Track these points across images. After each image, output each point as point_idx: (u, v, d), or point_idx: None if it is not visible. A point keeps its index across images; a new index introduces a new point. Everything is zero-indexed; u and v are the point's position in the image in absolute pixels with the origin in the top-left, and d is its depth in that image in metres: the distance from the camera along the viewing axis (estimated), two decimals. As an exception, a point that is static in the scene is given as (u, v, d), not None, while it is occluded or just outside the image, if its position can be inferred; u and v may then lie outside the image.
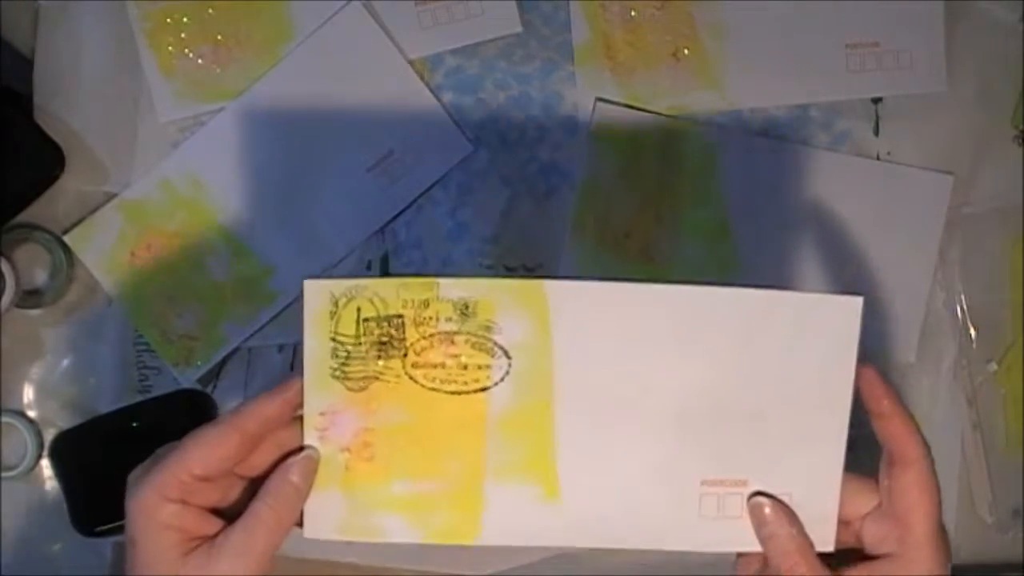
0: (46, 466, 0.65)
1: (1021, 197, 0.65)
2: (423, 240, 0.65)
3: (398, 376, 0.44)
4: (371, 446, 0.44)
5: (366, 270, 0.65)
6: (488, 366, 0.44)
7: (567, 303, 0.43)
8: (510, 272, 0.65)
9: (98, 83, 0.64)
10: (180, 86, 0.64)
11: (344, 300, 0.43)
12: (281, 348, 0.65)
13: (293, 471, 0.43)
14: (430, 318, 0.43)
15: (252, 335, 0.65)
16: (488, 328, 0.43)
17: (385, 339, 0.43)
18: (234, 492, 0.45)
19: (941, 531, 0.44)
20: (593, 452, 0.44)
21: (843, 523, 0.45)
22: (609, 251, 0.65)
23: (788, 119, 0.65)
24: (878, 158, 0.65)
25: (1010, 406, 0.65)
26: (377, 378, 0.44)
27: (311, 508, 0.44)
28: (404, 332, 0.43)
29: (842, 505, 0.44)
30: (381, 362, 0.44)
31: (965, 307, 0.65)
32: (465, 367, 0.44)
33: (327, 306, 0.43)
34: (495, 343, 0.44)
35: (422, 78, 0.65)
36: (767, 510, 0.44)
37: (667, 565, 0.65)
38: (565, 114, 0.65)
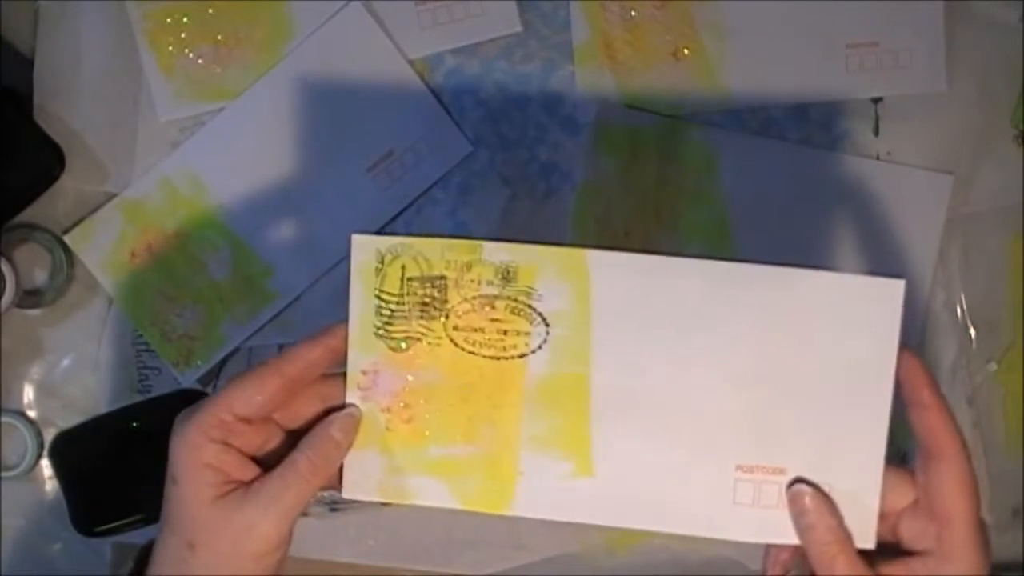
0: (46, 466, 0.65)
1: (1021, 197, 0.65)
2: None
3: (439, 338, 0.44)
4: (410, 407, 0.44)
5: (366, 270, 0.65)
6: (527, 332, 0.43)
7: (608, 273, 0.42)
8: (510, 272, 0.65)
9: (98, 83, 0.64)
10: (180, 86, 0.64)
11: (390, 257, 0.43)
12: (281, 348, 0.65)
13: (335, 426, 0.43)
14: (472, 281, 0.43)
15: (252, 335, 0.65)
16: (528, 294, 0.43)
17: (427, 300, 0.43)
18: (274, 441, 0.45)
19: (981, 529, 0.42)
20: (627, 427, 0.44)
21: (880, 517, 0.43)
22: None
23: (788, 119, 0.65)
24: (878, 158, 0.65)
25: (1010, 406, 0.65)
26: (418, 339, 0.44)
27: (350, 468, 0.44)
28: (446, 294, 0.43)
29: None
30: (423, 322, 0.44)
31: (965, 307, 0.65)
32: (504, 332, 0.44)
33: (373, 262, 0.43)
34: (535, 309, 0.43)
35: (422, 78, 0.65)
36: (808, 499, 0.43)
37: (666, 565, 0.65)
38: (565, 114, 0.65)
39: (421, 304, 0.44)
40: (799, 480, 0.43)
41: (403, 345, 0.44)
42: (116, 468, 0.64)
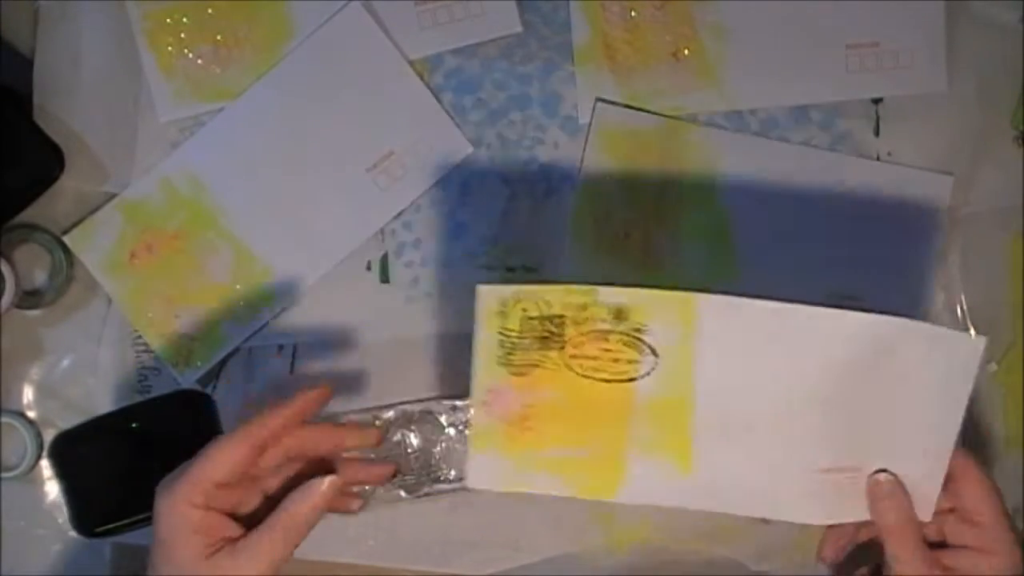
0: (46, 466, 0.65)
1: (1021, 197, 0.65)
2: (423, 240, 0.65)
3: (556, 365, 0.50)
4: (529, 419, 0.51)
5: (366, 270, 0.65)
6: (637, 361, 0.49)
7: (713, 316, 0.48)
8: (511, 272, 0.65)
9: (98, 83, 0.64)
10: (180, 86, 0.64)
11: (512, 302, 0.49)
12: (281, 348, 0.65)
13: (314, 490, 0.49)
14: (587, 319, 0.49)
15: (252, 335, 0.65)
16: (639, 330, 0.49)
17: (546, 334, 0.49)
18: (251, 498, 0.51)
19: (1010, 526, 0.50)
20: (723, 441, 0.50)
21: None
22: (609, 252, 0.65)
23: (788, 119, 0.65)
24: (878, 158, 0.65)
25: (1010, 406, 0.65)
26: (537, 365, 0.50)
27: (473, 465, 0.51)
28: (564, 329, 0.49)
29: None
30: (541, 353, 0.50)
31: (965, 307, 0.65)
32: (616, 360, 0.49)
33: (496, 307, 0.49)
34: (644, 342, 0.49)
35: (422, 78, 0.65)
36: (885, 487, 0.50)
37: (666, 565, 0.65)
38: (565, 114, 0.65)
39: (540, 338, 0.50)
40: (879, 471, 0.50)
41: (523, 370, 0.50)
42: (116, 468, 0.64)
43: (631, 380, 0.50)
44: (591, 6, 0.64)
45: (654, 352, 0.49)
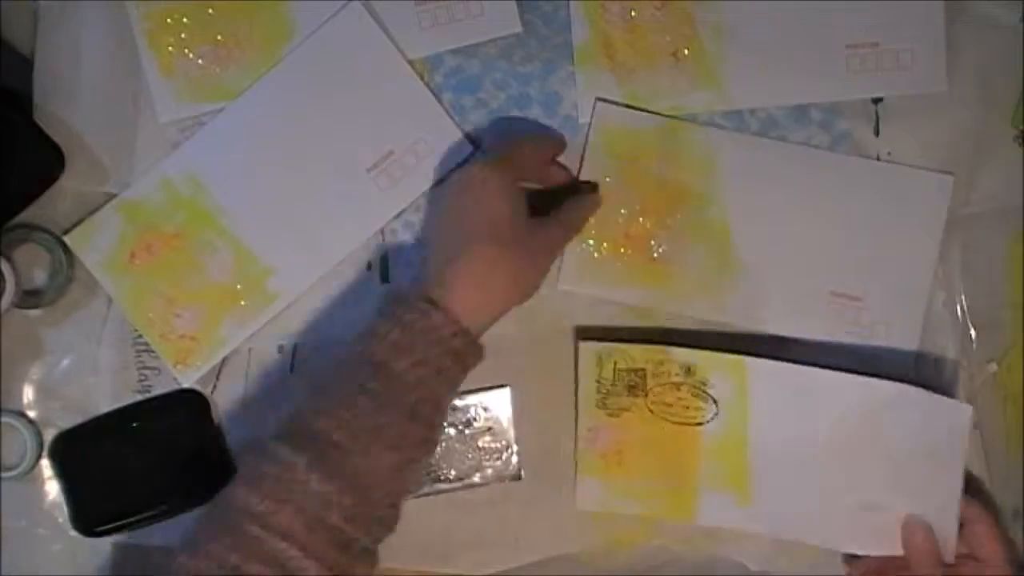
0: (46, 466, 0.65)
1: (1021, 197, 0.65)
2: (423, 240, 0.65)
3: (641, 409, 0.63)
4: (622, 453, 0.64)
5: (366, 270, 0.65)
6: (702, 408, 0.63)
7: (759, 375, 0.62)
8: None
9: (98, 83, 0.64)
10: (180, 86, 0.64)
11: (606, 356, 0.63)
12: (281, 348, 0.65)
13: (586, 202, 0.63)
14: (664, 372, 0.63)
15: (252, 335, 0.65)
16: (704, 383, 0.62)
17: (633, 384, 0.63)
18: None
19: (1014, 568, 0.59)
20: (775, 478, 0.62)
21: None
22: (609, 251, 0.65)
23: (788, 119, 0.65)
24: (878, 158, 0.65)
25: (1010, 406, 0.65)
26: (627, 409, 0.63)
27: (580, 488, 0.64)
28: (646, 380, 0.63)
29: None
30: (629, 399, 0.63)
31: (965, 307, 0.65)
32: (687, 408, 0.63)
33: (594, 359, 0.63)
34: (708, 394, 0.62)
35: (422, 78, 0.65)
36: (919, 533, 0.60)
37: (666, 565, 0.65)
38: (565, 114, 0.65)
39: (628, 386, 0.63)
40: (911, 516, 0.60)
41: (616, 412, 0.63)
42: (116, 468, 0.64)
43: (699, 424, 0.63)
44: (591, 6, 0.64)
45: (715, 402, 0.62)
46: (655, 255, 0.65)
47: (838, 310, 0.64)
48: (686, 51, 0.65)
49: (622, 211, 0.65)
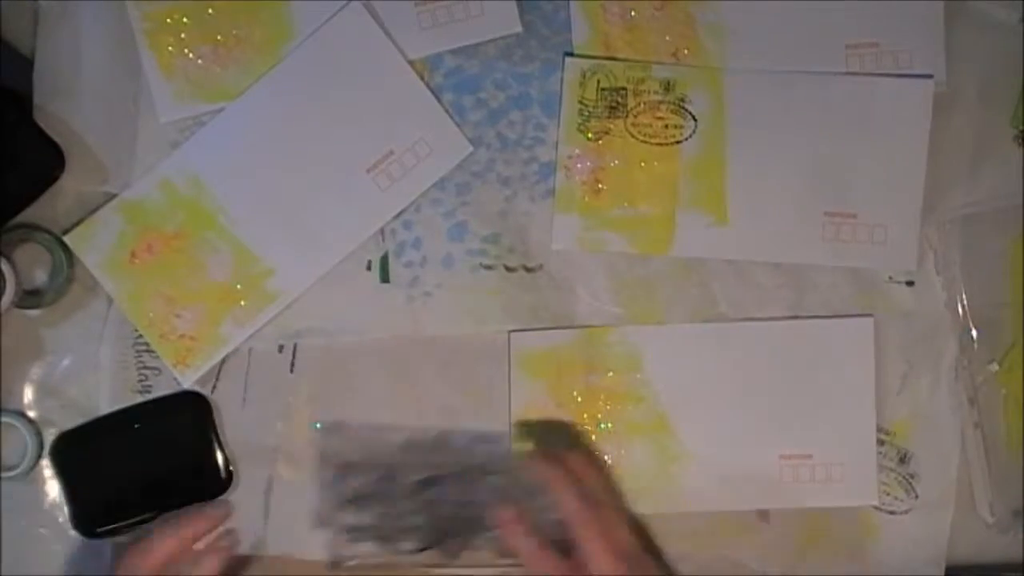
0: (46, 466, 0.65)
1: (1021, 197, 0.65)
2: (423, 240, 0.65)
3: (621, 132, 0.64)
4: (600, 182, 0.64)
5: (366, 270, 0.65)
6: (681, 126, 0.64)
7: (737, 85, 0.64)
8: (511, 272, 0.65)
9: (98, 83, 0.64)
10: (180, 86, 0.64)
11: (589, 73, 0.64)
12: (281, 348, 0.65)
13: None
14: (644, 90, 0.64)
15: (252, 335, 0.65)
16: (682, 99, 0.64)
17: (614, 104, 0.64)
18: None
19: None
20: (752, 192, 0.64)
21: None
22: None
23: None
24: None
25: (1011, 406, 0.65)
26: (608, 132, 0.64)
27: (557, 226, 0.65)
28: (627, 100, 0.64)
29: None
30: (610, 120, 0.64)
31: (966, 307, 0.65)
32: (666, 126, 0.64)
33: (578, 77, 0.64)
34: (687, 110, 0.64)
35: (422, 78, 0.65)
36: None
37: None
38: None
39: (609, 107, 0.64)
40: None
41: (596, 136, 0.64)
42: (116, 468, 0.64)
43: (677, 143, 0.64)
44: (591, 6, 0.64)
45: (694, 118, 0.63)
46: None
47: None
48: (686, 51, 0.65)
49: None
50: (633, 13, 0.65)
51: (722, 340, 0.65)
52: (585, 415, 0.65)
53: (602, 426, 0.64)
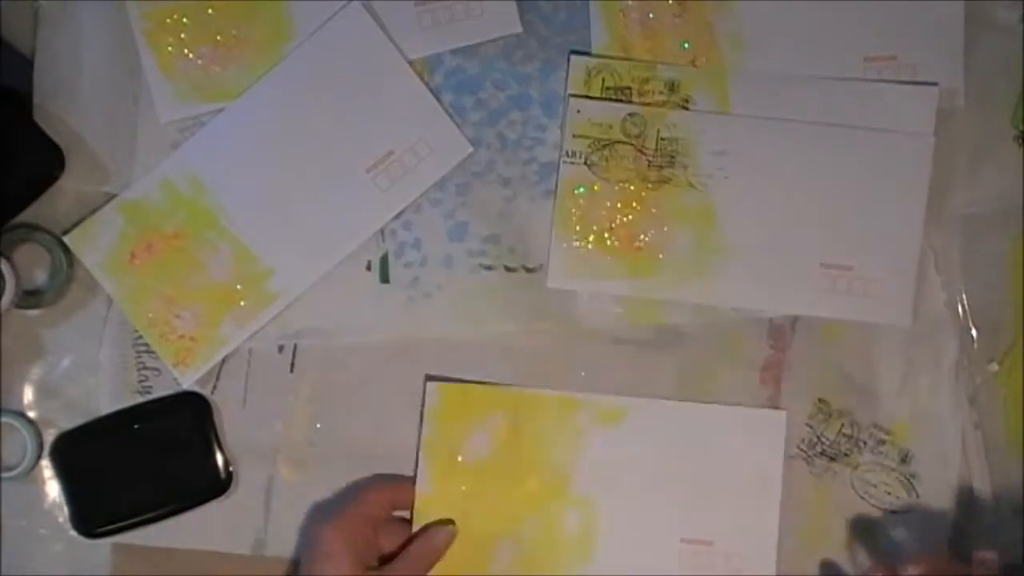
0: (46, 466, 0.65)
1: (1021, 197, 0.65)
2: (423, 240, 0.65)
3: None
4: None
5: (366, 270, 0.65)
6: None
7: (741, 84, 0.64)
8: (510, 272, 0.65)
9: (98, 83, 0.64)
10: (180, 86, 0.64)
11: (595, 72, 0.64)
12: (281, 348, 0.65)
13: (438, 536, 0.61)
14: (649, 90, 0.64)
15: (252, 335, 0.65)
16: (687, 100, 0.64)
17: (617, 103, 0.64)
18: (388, 536, 0.61)
19: None
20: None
21: None
22: (595, 244, 0.65)
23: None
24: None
25: (1011, 406, 0.65)
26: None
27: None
28: (631, 99, 0.64)
29: None
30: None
31: (966, 307, 0.65)
32: None
33: (583, 75, 0.64)
34: (690, 111, 0.64)
35: (422, 78, 0.65)
36: None
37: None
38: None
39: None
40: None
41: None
42: (116, 468, 0.64)
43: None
44: (610, 7, 0.64)
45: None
46: (640, 245, 0.65)
47: (831, 281, 0.64)
48: (704, 59, 0.65)
49: (605, 203, 0.64)
50: (651, 15, 0.65)
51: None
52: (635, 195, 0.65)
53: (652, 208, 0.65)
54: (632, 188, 0.64)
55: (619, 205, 0.64)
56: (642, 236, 0.64)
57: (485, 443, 0.63)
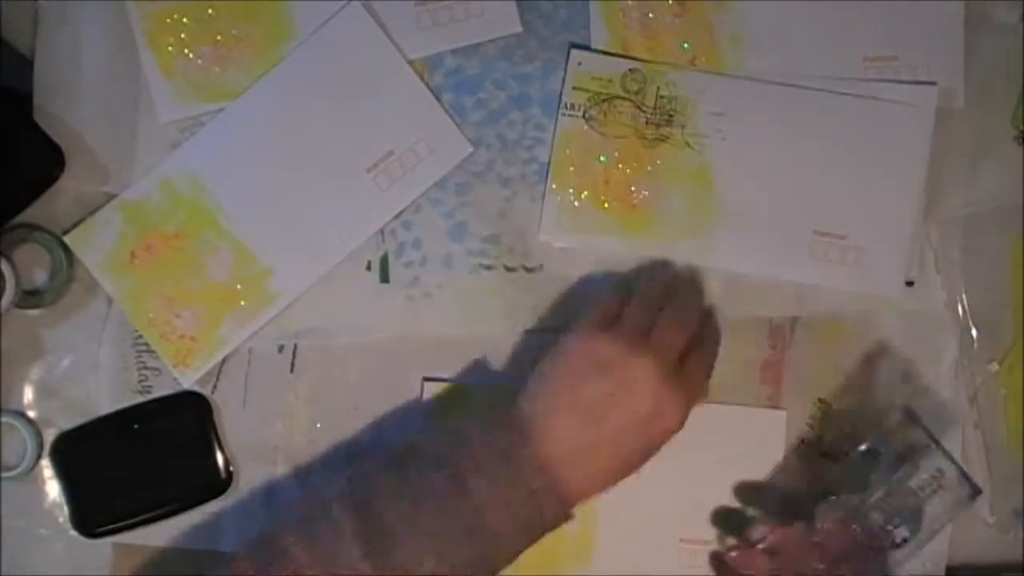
0: (46, 466, 0.65)
1: (1021, 197, 0.65)
2: (423, 240, 0.65)
3: None
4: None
5: (366, 270, 0.65)
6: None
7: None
8: (510, 272, 0.65)
9: (98, 83, 0.64)
10: (180, 86, 0.64)
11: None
12: (281, 348, 0.65)
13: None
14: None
15: (252, 335, 0.65)
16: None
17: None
18: None
19: None
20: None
21: None
22: (589, 199, 0.65)
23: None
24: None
25: (1011, 406, 0.65)
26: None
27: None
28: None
29: None
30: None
31: (966, 307, 0.65)
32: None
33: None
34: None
35: (422, 78, 0.65)
36: None
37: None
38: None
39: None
40: None
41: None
42: (116, 468, 0.64)
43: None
44: (610, 7, 0.64)
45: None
46: (635, 202, 0.65)
47: (823, 249, 0.64)
48: (704, 59, 0.65)
49: (601, 158, 0.64)
50: (651, 15, 0.65)
51: None
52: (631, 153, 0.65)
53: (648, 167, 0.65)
54: (629, 144, 0.65)
55: (616, 161, 0.65)
56: (636, 192, 0.64)
57: None
